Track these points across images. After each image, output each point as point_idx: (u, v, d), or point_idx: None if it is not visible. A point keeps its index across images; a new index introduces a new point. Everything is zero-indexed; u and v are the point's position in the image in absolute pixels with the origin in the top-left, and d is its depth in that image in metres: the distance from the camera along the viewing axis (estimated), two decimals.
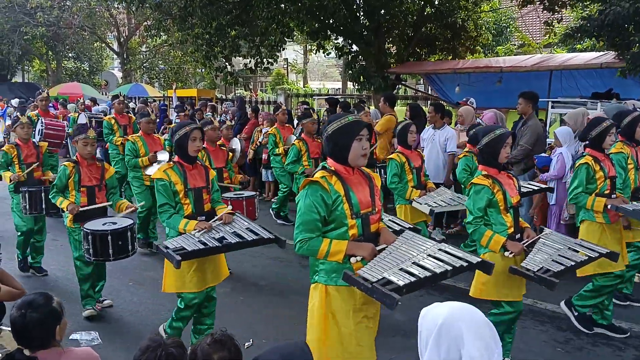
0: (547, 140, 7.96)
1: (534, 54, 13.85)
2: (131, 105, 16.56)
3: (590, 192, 4.78)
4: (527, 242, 4.01)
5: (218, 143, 6.84)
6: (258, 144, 10.40)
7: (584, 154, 4.94)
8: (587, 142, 4.98)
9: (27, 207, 6.07)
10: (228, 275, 4.55)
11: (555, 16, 11.78)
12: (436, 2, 12.80)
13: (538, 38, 19.80)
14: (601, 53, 9.64)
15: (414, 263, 2.98)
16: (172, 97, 17.68)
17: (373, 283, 2.79)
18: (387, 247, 3.11)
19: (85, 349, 2.80)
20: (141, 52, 29.84)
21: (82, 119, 9.73)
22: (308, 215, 3.01)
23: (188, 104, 16.68)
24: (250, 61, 12.87)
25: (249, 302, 5.74)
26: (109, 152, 9.78)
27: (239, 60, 16.13)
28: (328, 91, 27.14)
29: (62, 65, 31.42)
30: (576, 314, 5.04)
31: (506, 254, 3.89)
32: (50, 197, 5.30)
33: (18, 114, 6.37)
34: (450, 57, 13.43)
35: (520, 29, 19.30)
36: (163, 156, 7.24)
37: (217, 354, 2.17)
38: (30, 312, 2.55)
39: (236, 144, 8.11)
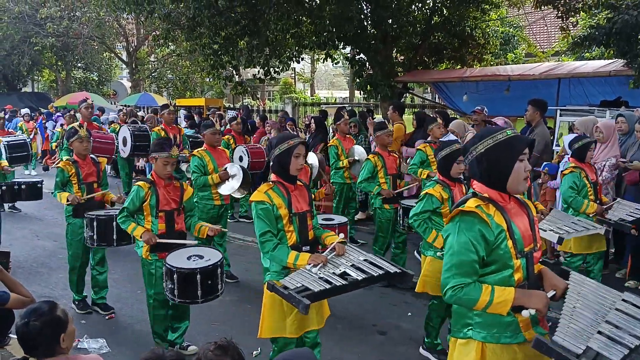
0: (555, 148, 7.94)
1: (542, 62, 13.82)
2: (140, 114, 16.65)
3: None
4: None
5: None
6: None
7: None
8: None
9: (95, 237, 5.14)
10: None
11: (571, 20, 11.76)
12: (444, 11, 12.82)
13: (546, 46, 19.78)
14: (610, 61, 9.61)
15: (607, 322, 2.37)
16: (181, 106, 17.78)
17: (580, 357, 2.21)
18: (555, 293, 2.52)
19: (93, 356, 2.80)
20: (150, 62, 30.02)
21: (125, 132, 9.01)
22: (463, 256, 2.44)
23: (196, 112, 16.76)
24: (259, 71, 12.93)
25: (256, 310, 5.70)
26: None
27: (247, 70, 16.23)
28: (336, 100, 27.18)
29: (72, 75, 31.63)
30: None
31: None
32: (119, 221, 4.50)
33: (76, 125, 5.51)
34: (458, 66, 13.43)
35: (528, 37, 19.27)
36: (234, 170, 6.44)
37: None
38: (34, 320, 2.55)
39: (313, 158, 7.42)
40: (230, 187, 6.37)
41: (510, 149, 2.49)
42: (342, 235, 3.73)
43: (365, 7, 12.09)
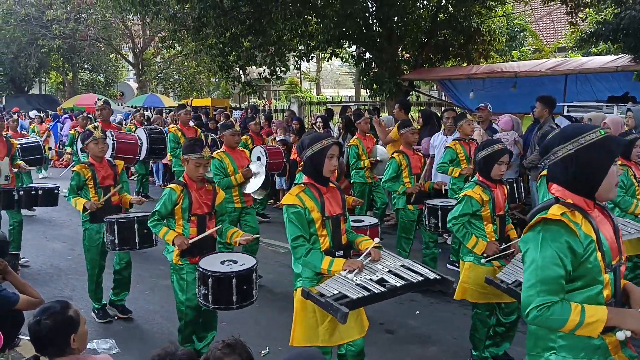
0: None
1: (549, 59, 13.78)
2: (146, 114, 16.70)
3: None
4: None
5: None
6: None
7: None
8: None
9: (117, 241, 4.92)
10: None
11: (580, 16, 11.75)
12: (449, 8, 12.80)
13: (553, 42, 19.70)
14: (617, 56, 9.57)
15: None
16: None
17: None
18: None
19: (103, 356, 2.82)
20: (156, 63, 30.15)
21: (141, 134, 8.78)
22: (549, 270, 2.18)
23: (202, 113, 16.81)
24: (264, 70, 12.96)
25: (264, 309, 5.73)
26: (174, 169, 8.83)
27: (253, 69, 16.30)
28: (342, 99, 27.18)
29: (78, 76, 31.85)
30: None
31: None
32: (150, 225, 4.34)
33: (91, 127, 5.24)
34: (464, 63, 13.39)
35: (535, 31, 19.22)
36: (257, 168, 6.27)
37: (228, 358, 2.18)
38: (45, 319, 2.58)
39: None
40: (254, 186, 6.20)
41: (605, 150, 2.24)
42: (377, 239, 3.55)
43: (370, 5, 12.08)
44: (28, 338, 2.69)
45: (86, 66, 31.20)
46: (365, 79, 12.63)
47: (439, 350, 4.85)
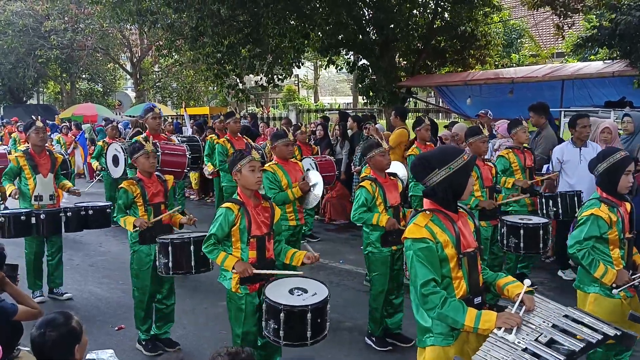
0: None
1: (546, 64, 13.82)
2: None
3: None
4: None
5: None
6: None
7: None
8: None
9: (171, 265, 4.41)
10: None
11: (567, 21, 11.83)
12: (445, 15, 12.85)
13: (551, 47, 19.75)
14: (613, 61, 9.61)
15: None
16: (184, 115, 17.81)
17: None
18: None
19: None
20: (154, 72, 30.23)
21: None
22: None
23: (201, 121, 16.82)
24: (261, 78, 13.00)
25: None
26: (222, 184, 8.17)
27: (250, 78, 16.36)
28: (339, 106, 27.28)
29: (76, 86, 31.90)
30: None
31: None
32: (205, 251, 3.82)
33: (144, 142, 4.68)
34: (460, 69, 13.44)
35: (532, 34, 19.28)
36: (313, 178, 5.64)
37: None
38: (50, 331, 2.58)
39: (400, 169, 6.36)
40: (314, 198, 5.63)
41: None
42: (528, 281, 2.74)
43: (366, 13, 12.13)
44: (27, 349, 2.68)
45: (84, 76, 31.28)
46: (362, 86, 12.67)
47: None
